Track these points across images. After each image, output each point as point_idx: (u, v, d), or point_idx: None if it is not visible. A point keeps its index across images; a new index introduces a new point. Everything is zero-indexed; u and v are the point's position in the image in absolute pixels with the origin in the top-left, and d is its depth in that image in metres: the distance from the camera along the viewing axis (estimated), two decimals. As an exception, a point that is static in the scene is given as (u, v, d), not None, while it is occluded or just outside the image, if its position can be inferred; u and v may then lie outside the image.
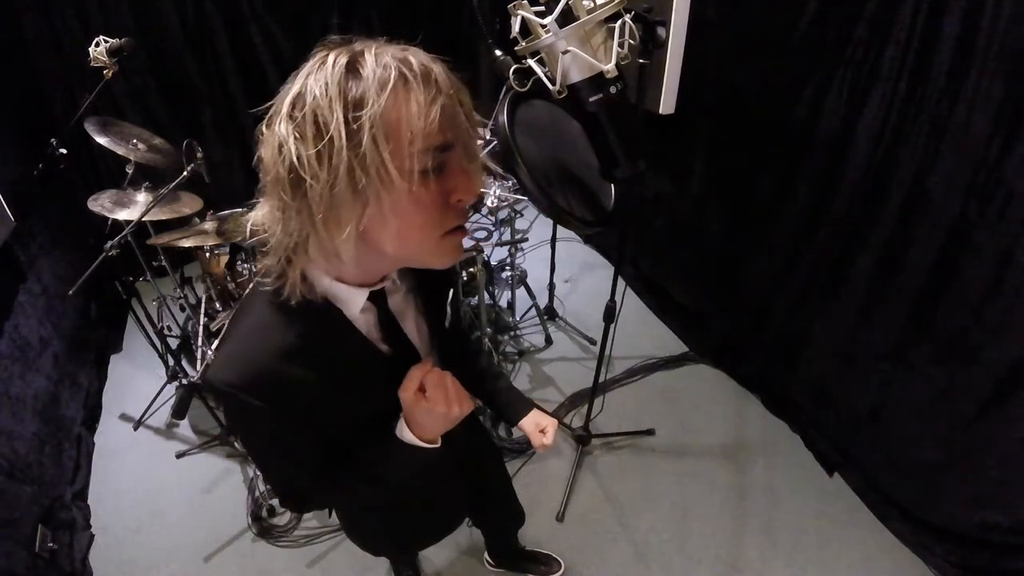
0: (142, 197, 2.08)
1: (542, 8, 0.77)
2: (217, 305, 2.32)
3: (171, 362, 2.38)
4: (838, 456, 2.00)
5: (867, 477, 1.91)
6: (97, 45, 1.85)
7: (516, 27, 0.80)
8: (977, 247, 1.40)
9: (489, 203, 2.24)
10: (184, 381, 2.29)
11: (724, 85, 2.08)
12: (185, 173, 1.77)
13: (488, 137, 2.33)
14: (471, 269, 2.22)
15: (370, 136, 0.49)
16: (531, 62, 0.81)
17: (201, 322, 2.34)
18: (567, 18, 0.77)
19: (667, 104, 1.88)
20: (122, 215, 1.98)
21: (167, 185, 1.82)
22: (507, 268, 2.63)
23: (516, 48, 0.84)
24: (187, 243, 2.10)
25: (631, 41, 0.83)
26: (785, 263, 2.03)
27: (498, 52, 0.82)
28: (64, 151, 2.05)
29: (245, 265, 2.16)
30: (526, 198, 2.25)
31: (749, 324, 2.30)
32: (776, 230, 2.03)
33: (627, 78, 0.84)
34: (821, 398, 2.03)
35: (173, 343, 2.58)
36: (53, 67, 2.80)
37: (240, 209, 2.27)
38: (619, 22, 0.80)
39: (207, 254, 2.25)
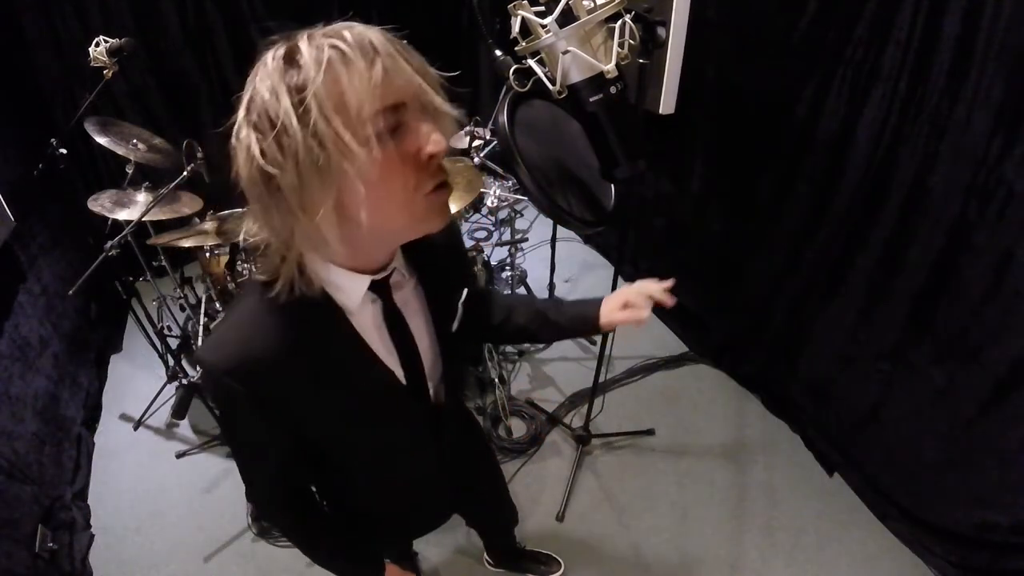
0: (142, 197, 2.08)
1: (542, 8, 0.77)
2: (217, 305, 2.32)
3: (171, 362, 2.38)
4: (838, 456, 2.00)
5: (867, 477, 1.91)
6: (97, 45, 1.85)
7: (516, 27, 0.80)
8: (977, 247, 1.40)
9: (489, 203, 2.24)
10: (184, 381, 2.29)
11: (724, 85, 2.08)
12: (185, 173, 1.77)
13: (488, 137, 2.34)
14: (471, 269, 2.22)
15: (319, 113, 0.50)
16: (531, 62, 0.81)
17: (201, 322, 2.35)
18: (567, 18, 0.76)
19: (667, 104, 1.89)
20: (122, 215, 1.98)
21: (167, 185, 1.82)
22: (507, 268, 2.64)
23: (516, 48, 0.84)
24: (187, 243, 2.10)
25: (631, 41, 0.83)
26: (785, 263, 2.03)
27: (498, 52, 0.82)
28: (64, 151, 2.05)
29: (245, 265, 2.16)
30: (526, 198, 2.25)
31: (749, 324, 2.30)
32: (776, 230, 2.03)
33: (627, 78, 0.84)
34: (821, 398, 2.03)
35: (173, 343, 2.58)
36: (53, 67, 2.80)
37: (240, 209, 2.27)
38: (619, 22, 0.80)
39: (207, 254, 2.25)
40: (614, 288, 1.66)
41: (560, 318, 0.97)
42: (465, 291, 0.85)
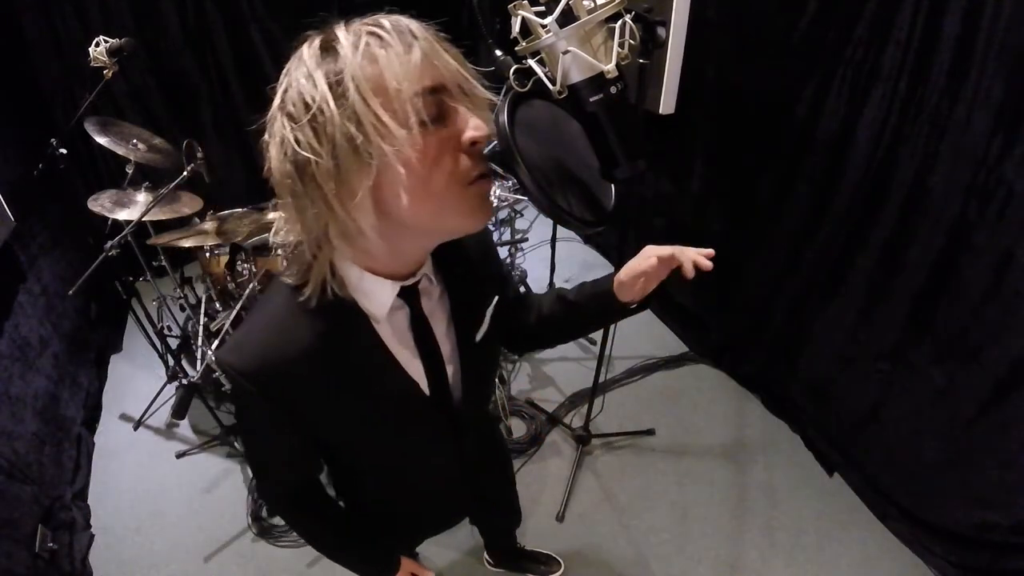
0: (142, 197, 2.08)
1: (542, 8, 0.77)
2: (217, 305, 2.32)
3: (171, 362, 2.38)
4: (838, 456, 2.00)
5: (867, 477, 1.91)
6: (97, 45, 1.85)
7: (516, 27, 0.80)
8: (977, 247, 1.40)
9: (489, 203, 2.24)
10: (184, 381, 2.29)
11: (724, 85, 2.08)
12: (185, 173, 1.77)
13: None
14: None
15: (357, 94, 0.49)
16: (531, 62, 0.81)
17: (201, 322, 2.35)
18: (567, 18, 0.76)
19: (667, 104, 1.88)
20: (122, 215, 1.98)
21: (167, 185, 1.82)
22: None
23: (516, 48, 0.84)
24: (187, 243, 2.10)
25: (631, 41, 0.82)
26: (785, 263, 2.03)
27: (498, 52, 0.81)
28: (64, 151, 2.05)
29: (245, 265, 2.16)
30: (526, 198, 2.25)
31: (749, 324, 2.30)
32: (776, 230, 2.03)
33: (627, 78, 0.84)
34: (821, 398, 2.03)
35: (173, 343, 2.58)
36: (53, 67, 2.80)
37: (240, 209, 2.27)
38: (619, 22, 0.80)
39: (207, 254, 2.25)
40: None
41: (579, 298, 0.89)
42: (495, 299, 0.82)
